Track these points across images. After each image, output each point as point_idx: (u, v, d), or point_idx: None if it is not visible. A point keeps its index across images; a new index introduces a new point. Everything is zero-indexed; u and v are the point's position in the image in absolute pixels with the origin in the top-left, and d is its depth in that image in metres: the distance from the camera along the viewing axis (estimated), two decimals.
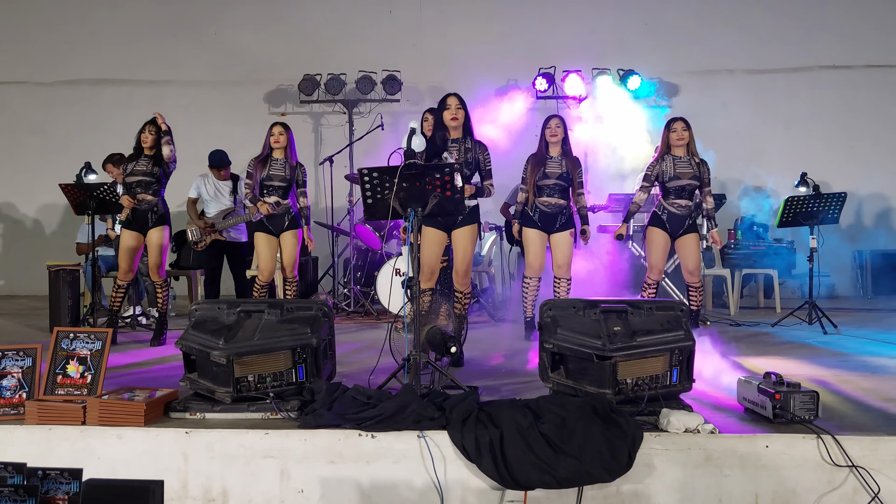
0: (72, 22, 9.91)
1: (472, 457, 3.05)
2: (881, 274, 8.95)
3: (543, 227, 5.65)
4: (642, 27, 9.43)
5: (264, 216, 5.76)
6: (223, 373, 3.45)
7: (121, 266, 5.72)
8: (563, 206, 5.63)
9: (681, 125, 5.66)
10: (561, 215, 5.63)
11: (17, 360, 3.52)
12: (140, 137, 5.68)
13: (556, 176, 5.57)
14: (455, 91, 4.95)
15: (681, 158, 5.63)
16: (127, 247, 5.68)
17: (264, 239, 5.84)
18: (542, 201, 5.62)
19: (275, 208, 5.77)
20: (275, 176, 5.77)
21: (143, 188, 5.63)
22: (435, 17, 9.58)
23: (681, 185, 5.59)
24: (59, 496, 2.43)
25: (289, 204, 5.84)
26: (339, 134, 9.50)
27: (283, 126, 5.87)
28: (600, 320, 3.51)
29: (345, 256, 8.06)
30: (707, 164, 5.69)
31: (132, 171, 5.65)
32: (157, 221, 5.68)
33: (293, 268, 5.90)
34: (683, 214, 5.64)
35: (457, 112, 4.82)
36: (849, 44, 9.37)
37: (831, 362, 4.77)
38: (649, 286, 5.71)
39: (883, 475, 3.01)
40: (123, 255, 5.69)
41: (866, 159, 9.30)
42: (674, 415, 3.15)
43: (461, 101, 4.89)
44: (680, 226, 5.66)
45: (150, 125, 5.68)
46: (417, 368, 3.60)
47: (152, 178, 5.64)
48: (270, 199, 5.77)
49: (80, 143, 9.22)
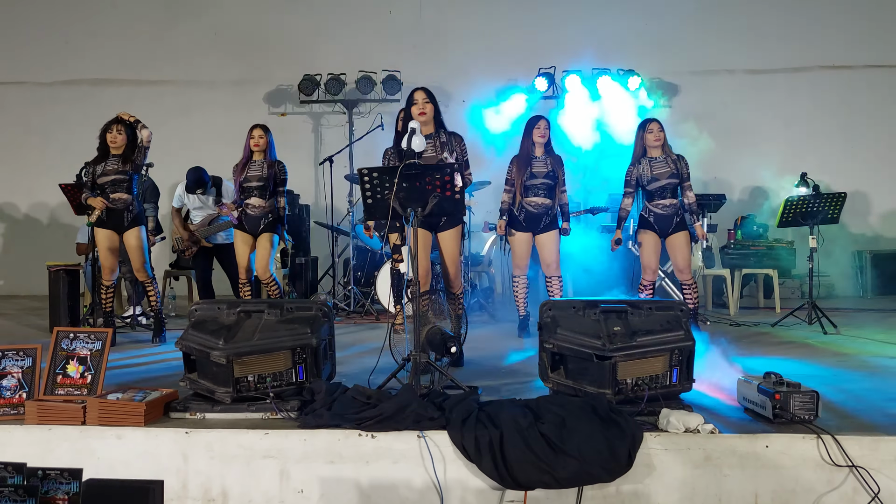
0: (72, 22, 9.91)
1: (472, 457, 3.05)
2: (881, 274, 8.95)
3: (528, 228, 5.71)
4: (642, 27, 9.42)
5: (237, 219, 5.81)
6: (223, 373, 3.45)
7: (104, 265, 5.72)
8: (549, 205, 5.69)
9: (656, 126, 5.70)
10: (546, 215, 5.69)
11: (17, 360, 3.52)
12: (107, 138, 5.63)
13: (542, 175, 5.63)
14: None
15: (656, 159, 5.67)
16: (106, 247, 5.67)
17: (240, 237, 5.94)
18: (528, 201, 5.66)
19: (253, 210, 5.82)
20: (253, 176, 5.82)
21: (116, 187, 5.61)
22: (435, 17, 9.57)
23: (661, 185, 5.65)
24: (58, 496, 2.43)
25: (271, 205, 5.87)
26: (339, 134, 9.50)
27: (263, 128, 5.93)
28: (600, 320, 3.52)
29: (345, 256, 8.05)
30: (685, 159, 5.73)
31: (103, 172, 5.63)
32: (133, 222, 5.68)
33: (265, 269, 5.92)
34: (669, 214, 5.68)
35: (424, 106, 4.69)
36: (849, 44, 9.36)
37: (831, 362, 4.77)
38: (645, 287, 5.76)
39: (883, 475, 3.01)
40: (104, 255, 5.69)
41: (866, 159, 9.30)
42: (674, 415, 3.15)
43: (428, 95, 4.74)
44: (668, 225, 5.69)
45: (116, 124, 5.65)
46: (417, 368, 3.60)
47: (125, 176, 5.63)
48: (250, 201, 5.81)
49: (80, 143, 9.16)
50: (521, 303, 5.95)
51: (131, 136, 5.65)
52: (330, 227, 7.74)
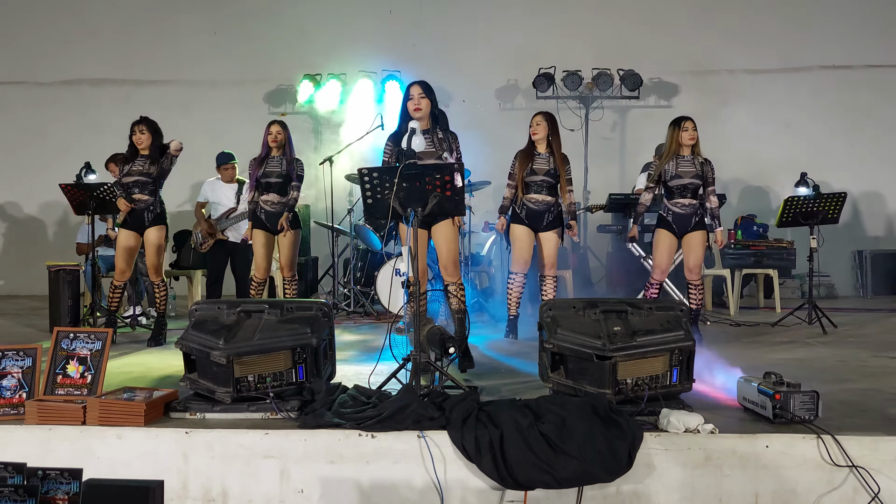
0: (72, 22, 9.91)
1: (472, 457, 3.05)
2: (881, 274, 8.96)
3: (530, 225, 5.61)
4: (642, 27, 9.43)
5: (264, 213, 5.78)
6: (223, 373, 3.45)
7: (117, 266, 5.73)
8: (551, 203, 5.58)
9: (691, 124, 5.56)
10: (548, 213, 5.58)
11: (17, 360, 3.52)
12: (133, 140, 5.67)
13: (543, 172, 5.53)
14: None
15: (684, 157, 5.57)
16: (124, 246, 5.69)
17: (261, 236, 5.89)
18: (529, 198, 5.56)
19: (273, 207, 5.79)
20: (271, 172, 5.81)
21: (140, 188, 5.65)
22: (435, 17, 9.57)
23: (683, 183, 5.51)
24: (58, 496, 2.43)
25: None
26: (339, 134, 9.50)
27: (281, 124, 5.93)
28: (600, 320, 3.52)
29: (345, 256, 8.05)
30: (711, 164, 5.62)
31: (129, 172, 5.68)
32: (154, 221, 5.71)
33: (290, 267, 5.92)
34: (688, 213, 5.54)
35: (420, 101, 4.50)
36: (849, 44, 9.36)
37: (831, 362, 4.77)
38: (651, 286, 5.68)
39: (883, 475, 3.01)
40: (120, 255, 5.71)
41: (866, 159, 9.30)
42: (674, 415, 3.15)
43: (424, 89, 4.53)
44: (687, 223, 5.55)
45: (137, 125, 5.67)
46: (417, 368, 3.60)
47: (149, 178, 5.67)
48: (268, 197, 5.79)
49: (80, 143, 9.22)
50: (513, 302, 5.75)
51: (157, 137, 5.67)
52: (330, 227, 7.74)
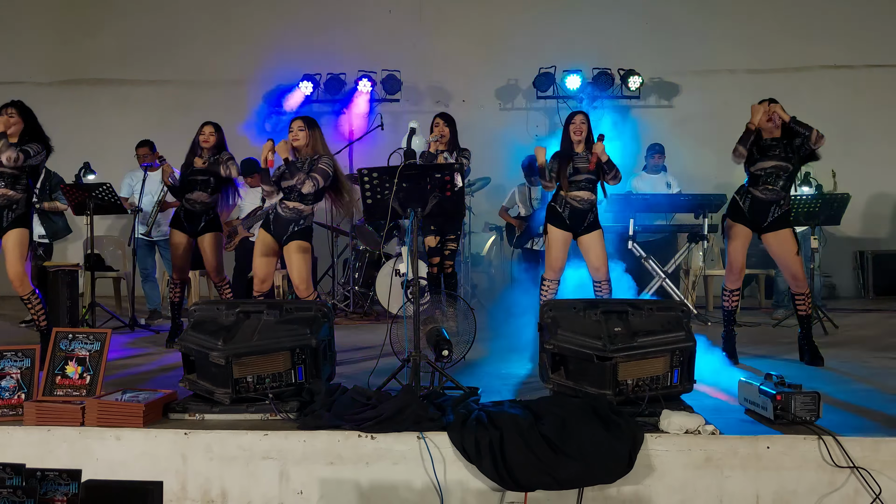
0: (72, 22, 9.90)
1: (472, 458, 3.04)
2: (882, 274, 8.95)
3: (571, 226, 5.34)
4: (642, 27, 9.41)
5: (270, 211, 5.52)
6: (222, 374, 3.44)
7: (173, 265, 5.66)
8: (593, 201, 5.35)
9: (779, 106, 5.18)
10: (590, 213, 5.34)
11: (16, 361, 3.51)
12: (198, 139, 5.62)
13: (586, 171, 5.30)
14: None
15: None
16: (175, 244, 5.59)
17: (260, 242, 5.11)
18: (574, 195, 5.29)
19: (287, 213, 5.05)
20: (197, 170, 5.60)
21: (201, 187, 5.52)
22: (435, 17, 9.56)
23: (770, 166, 5.14)
24: (57, 497, 2.43)
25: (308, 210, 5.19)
26: (339, 134, 9.49)
27: (304, 120, 5.25)
28: (601, 321, 3.51)
29: (344, 257, 8.04)
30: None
31: (193, 170, 5.57)
32: (207, 227, 5.57)
33: (307, 284, 5.10)
34: (771, 199, 5.06)
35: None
36: (849, 44, 9.35)
37: (832, 363, 4.76)
38: (732, 293, 5.13)
39: (884, 476, 3.00)
40: (174, 255, 5.63)
41: (866, 159, 9.28)
42: (674, 416, 3.14)
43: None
44: (766, 213, 5.03)
45: (206, 125, 5.65)
46: (417, 368, 3.59)
47: (206, 176, 5.54)
48: (288, 203, 5.04)
49: (80, 143, 9.20)
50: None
51: (220, 141, 5.65)
52: (329, 227, 7.73)
